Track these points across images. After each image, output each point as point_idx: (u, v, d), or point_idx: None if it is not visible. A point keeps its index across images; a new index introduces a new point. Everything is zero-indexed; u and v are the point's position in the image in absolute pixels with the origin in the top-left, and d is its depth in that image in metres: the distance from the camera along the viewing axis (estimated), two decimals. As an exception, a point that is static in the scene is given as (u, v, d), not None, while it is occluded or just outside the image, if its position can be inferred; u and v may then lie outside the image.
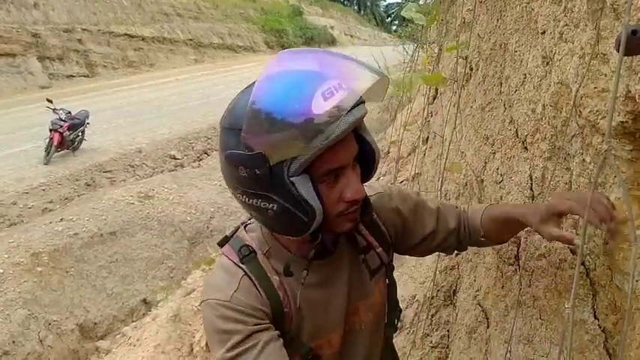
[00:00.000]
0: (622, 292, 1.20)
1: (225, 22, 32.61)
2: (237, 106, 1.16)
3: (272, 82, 1.10)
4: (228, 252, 1.35)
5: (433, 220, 1.53)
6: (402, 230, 1.52)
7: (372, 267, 1.45)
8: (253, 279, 1.28)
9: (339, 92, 1.06)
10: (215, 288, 1.30)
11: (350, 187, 1.19)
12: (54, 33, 21.94)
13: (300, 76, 1.09)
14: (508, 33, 1.97)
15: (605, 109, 1.17)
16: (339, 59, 1.17)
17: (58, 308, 7.63)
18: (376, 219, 1.47)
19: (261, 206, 1.16)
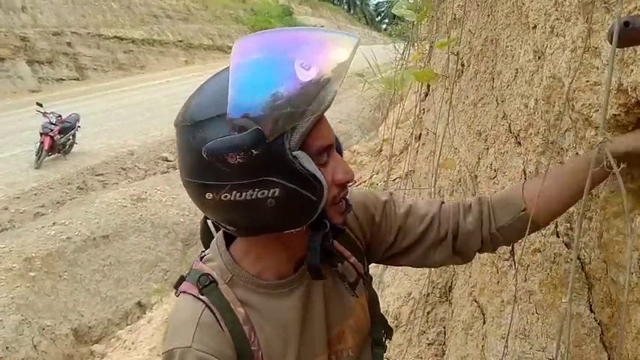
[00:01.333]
0: (617, 285, 1.20)
1: (215, 23, 32.53)
2: (208, 94, 1.06)
3: (246, 68, 1.03)
4: (185, 287, 1.18)
5: (404, 216, 1.35)
6: (370, 234, 1.35)
7: (350, 280, 1.26)
8: (215, 312, 1.12)
9: (314, 64, 1.00)
10: (174, 330, 1.15)
11: (340, 167, 1.10)
12: (43, 36, 21.82)
13: (269, 61, 1.02)
14: (499, 28, 1.97)
15: (598, 102, 1.18)
16: (299, 32, 1.13)
17: (52, 313, 7.59)
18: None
19: (258, 197, 1.01)
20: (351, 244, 1.31)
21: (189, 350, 1.07)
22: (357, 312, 1.30)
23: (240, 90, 0.99)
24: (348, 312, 1.28)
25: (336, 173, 1.09)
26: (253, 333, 1.14)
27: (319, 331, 1.23)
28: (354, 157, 8.99)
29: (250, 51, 1.06)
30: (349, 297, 1.27)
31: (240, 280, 1.16)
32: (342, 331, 1.26)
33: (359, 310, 1.30)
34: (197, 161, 1.00)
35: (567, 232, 1.47)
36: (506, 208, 1.29)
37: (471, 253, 1.36)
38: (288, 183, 1.00)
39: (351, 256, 1.29)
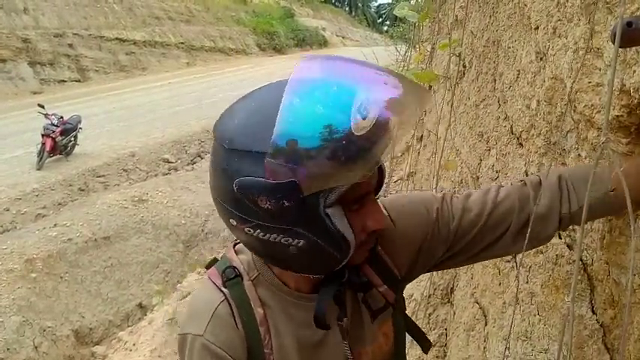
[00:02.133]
0: (620, 286, 1.20)
1: (217, 25, 32.56)
2: (253, 123, 0.96)
3: (306, 100, 0.92)
4: (212, 273, 1.19)
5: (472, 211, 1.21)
6: (416, 251, 1.24)
7: (374, 307, 1.20)
8: (233, 307, 1.12)
9: (373, 106, 0.90)
10: (191, 315, 1.16)
11: (373, 215, 1.04)
12: (44, 38, 21.84)
13: (336, 92, 0.92)
14: (501, 29, 1.97)
15: (600, 103, 1.17)
16: (358, 66, 0.99)
17: (53, 314, 7.58)
18: (380, 251, 1.22)
19: (281, 242, 0.98)
20: (385, 272, 1.22)
21: (200, 339, 1.09)
22: (379, 341, 1.24)
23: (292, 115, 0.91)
24: (369, 339, 1.22)
25: (367, 220, 1.04)
26: (268, 335, 1.13)
27: (336, 350, 1.19)
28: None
29: (310, 83, 0.96)
30: (370, 324, 1.21)
31: (266, 281, 1.15)
32: (359, 354, 1.22)
33: (381, 340, 1.24)
34: (227, 188, 0.96)
35: (569, 234, 1.47)
36: (593, 185, 1.07)
37: (544, 237, 1.22)
38: (314, 237, 0.97)
39: (381, 285, 1.21)
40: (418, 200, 1.27)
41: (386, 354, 1.26)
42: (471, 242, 1.21)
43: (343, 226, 0.97)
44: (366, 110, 0.88)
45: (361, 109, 0.88)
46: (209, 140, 14.76)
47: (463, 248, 1.22)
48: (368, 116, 0.88)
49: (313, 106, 0.90)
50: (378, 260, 1.21)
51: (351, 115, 0.88)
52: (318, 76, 0.96)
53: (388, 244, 1.21)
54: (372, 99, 0.90)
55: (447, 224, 1.20)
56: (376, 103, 0.90)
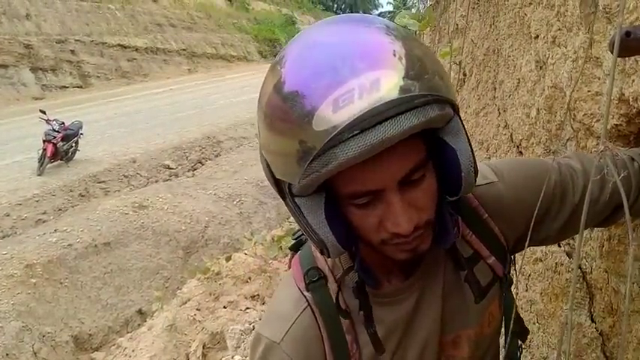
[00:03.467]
0: (619, 294, 1.20)
1: (219, 32, 32.64)
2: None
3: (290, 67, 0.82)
4: (296, 270, 1.06)
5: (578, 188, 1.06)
6: (529, 221, 1.03)
7: (483, 284, 1.06)
8: (317, 315, 1.00)
9: (361, 98, 0.73)
10: (271, 315, 1.08)
11: (390, 217, 0.85)
12: (46, 44, 21.90)
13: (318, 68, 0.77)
14: (501, 38, 1.97)
15: (599, 112, 1.18)
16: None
17: (53, 320, 7.58)
18: (487, 218, 1.06)
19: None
20: (493, 242, 1.07)
21: (276, 346, 1.00)
22: (482, 322, 1.09)
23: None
24: (470, 321, 1.08)
25: (384, 220, 0.86)
26: (356, 344, 1.01)
27: (430, 336, 1.05)
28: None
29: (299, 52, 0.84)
30: (474, 305, 1.06)
31: (351, 281, 1.00)
32: (458, 336, 1.08)
33: (485, 321, 1.10)
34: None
35: (569, 242, 1.47)
36: None
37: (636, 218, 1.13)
38: (300, 224, 0.89)
39: (490, 256, 1.06)
40: (534, 168, 1.11)
41: (488, 337, 1.13)
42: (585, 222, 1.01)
43: (315, 222, 0.85)
44: (344, 103, 0.73)
45: (340, 100, 0.74)
46: (210, 146, 14.78)
47: (578, 224, 1.01)
48: (340, 110, 0.73)
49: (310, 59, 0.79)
50: (485, 229, 1.06)
51: (322, 100, 0.74)
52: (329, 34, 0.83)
53: (499, 211, 1.06)
54: (360, 87, 0.74)
55: (564, 198, 1.06)
56: (363, 94, 0.74)
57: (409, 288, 1.03)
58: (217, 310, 5.84)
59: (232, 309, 5.82)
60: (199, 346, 5.34)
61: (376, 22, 0.84)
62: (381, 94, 0.73)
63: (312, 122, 0.74)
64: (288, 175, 0.81)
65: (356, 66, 0.75)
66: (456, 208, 0.99)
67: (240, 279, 6.35)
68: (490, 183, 1.07)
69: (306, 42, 0.85)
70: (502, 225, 1.07)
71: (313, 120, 0.74)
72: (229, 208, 11.18)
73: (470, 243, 1.05)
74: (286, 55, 0.84)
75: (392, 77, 0.75)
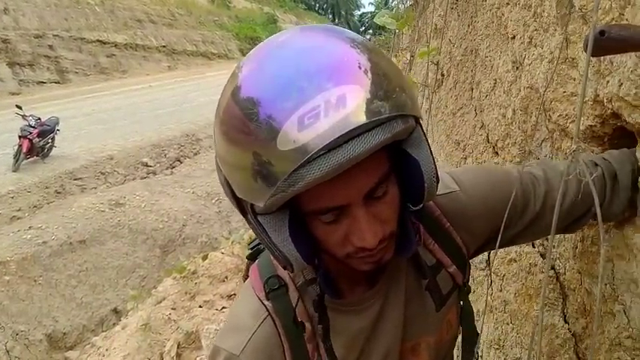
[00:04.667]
0: (592, 295, 1.20)
1: (199, 29, 32.45)
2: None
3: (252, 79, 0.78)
4: (255, 279, 1.04)
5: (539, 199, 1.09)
6: (490, 230, 1.10)
7: (444, 292, 1.06)
8: (278, 324, 0.97)
9: (327, 116, 0.71)
10: (230, 326, 1.04)
11: (356, 232, 0.84)
12: (24, 39, 21.59)
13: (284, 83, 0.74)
14: (479, 38, 1.97)
15: (574, 113, 1.18)
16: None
17: (26, 318, 7.48)
18: (449, 227, 1.07)
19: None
20: (455, 251, 1.08)
21: (236, 359, 0.97)
22: (441, 330, 1.10)
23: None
24: (430, 329, 1.08)
25: (349, 235, 0.85)
26: (317, 354, 1.00)
27: (391, 343, 1.04)
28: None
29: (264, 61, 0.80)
30: (435, 313, 1.06)
31: (312, 289, 0.99)
32: (417, 344, 1.08)
33: (443, 328, 1.10)
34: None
35: (543, 243, 1.47)
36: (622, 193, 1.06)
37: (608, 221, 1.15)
38: (263, 242, 0.86)
39: (451, 265, 1.07)
40: (495, 176, 1.13)
41: (446, 344, 1.14)
42: (546, 227, 1.08)
43: (280, 238, 0.83)
44: (310, 121, 0.71)
45: (305, 118, 0.71)
46: (189, 144, 14.70)
47: (538, 231, 1.12)
48: (306, 129, 0.70)
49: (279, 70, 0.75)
50: (447, 238, 1.07)
51: (286, 118, 0.71)
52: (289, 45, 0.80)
53: (461, 221, 1.07)
54: (327, 104, 0.71)
55: (525, 206, 1.08)
56: (329, 111, 0.71)
57: (373, 296, 1.01)
58: (193, 310, 5.80)
59: (208, 308, 5.79)
60: (174, 345, 5.30)
61: (342, 34, 0.81)
62: (348, 111, 0.71)
63: (277, 141, 0.71)
64: (250, 195, 0.79)
65: (321, 81, 0.72)
66: (418, 217, 1.00)
67: (217, 278, 6.31)
68: (451, 192, 1.08)
69: (269, 52, 0.81)
70: (463, 234, 1.08)
71: (277, 139, 0.71)
72: (208, 207, 11.13)
73: (432, 252, 1.06)
74: (246, 65, 0.81)
75: (358, 93, 0.73)
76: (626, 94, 0.93)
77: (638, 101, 0.92)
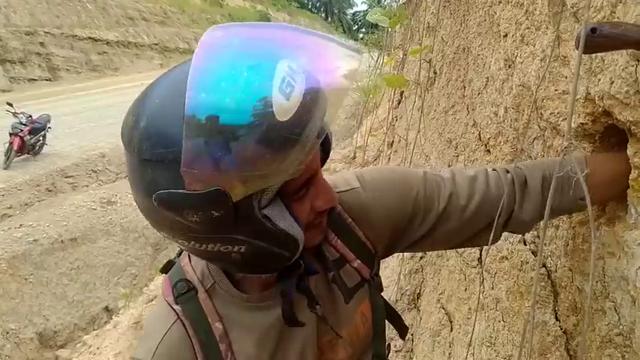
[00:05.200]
0: (583, 293, 1.20)
1: (192, 27, 32.38)
2: (160, 124, 0.78)
3: (216, 74, 0.76)
4: (165, 285, 1.04)
5: (444, 198, 1.11)
6: (393, 228, 1.12)
7: (349, 285, 1.08)
8: (187, 326, 0.98)
9: (299, 77, 0.76)
10: (143, 336, 1.04)
11: (322, 195, 0.93)
12: (15, 36, 21.49)
13: (253, 63, 0.76)
14: (471, 37, 1.98)
15: (566, 111, 1.18)
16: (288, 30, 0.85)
17: (17, 316, 7.45)
18: (351, 223, 1.10)
19: (221, 250, 0.87)
20: (358, 246, 1.10)
21: None
22: (356, 322, 1.12)
23: (211, 84, 0.75)
24: (343, 321, 1.09)
25: (315, 200, 0.92)
26: (230, 353, 1.00)
27: (306, 339, 1.06)
28: (328, 164, 9.00)
29: (226, 44, 0.81)
30: (345, 304, 1.08)
31: (222, 290, 1.01)
32: (334, 338, 1.09)
33: (358, 321, 1.12)
34: (148, 203, 0.81)
35: (534, 240, 1.47)
36: (567, 188, 1.06)
37: (521, 233, 1.22)
38: (256, 241, 0.86)
39: (354, 260, 1.10)
40: (397, 175, 1.15)
41: (364, 338, 1.15)
42: (454, 230, 1.12)
43: (286, 223, 0.86)
44: (290, 86, 0.75)
45: (283, 87, 0.75)
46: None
47: (446, 235, 1.13)
48: (292, 95, 0.75)
49: (239, 72, 0.76)
50: (350, 233, 1.10)
51: (271, 94, 0.74)
52: (230, 44, 0.81)
53: (362, 217, 1.10)
54: (296, 68, 0.77)
55: (429, 205, 1.10)
56: (301, 75, 0.77)
57: (276, 293, 1.02)
58: (185, 308, 5.78)
59: (200, 307, 5.77)
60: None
61: None
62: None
63: (275, 115, 0.74)
64: (272, 177, 0.80)
65: (269, 56, 0.78)
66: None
67: (209, 276, 6.29)
68: (352, 189, 1.11)
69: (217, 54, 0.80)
70: (367, 230, 1.11)
71: (275, 114, 0.74)
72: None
73: (335, 247, 1.09)
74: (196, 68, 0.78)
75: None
76: (618, 92, 0.94)
77: (629, 99, 0.92)
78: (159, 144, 0.77)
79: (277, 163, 0.76)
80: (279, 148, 0.75)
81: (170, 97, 0.78)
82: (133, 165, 0.82)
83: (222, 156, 0.74)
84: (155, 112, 0.79)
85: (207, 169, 0.75)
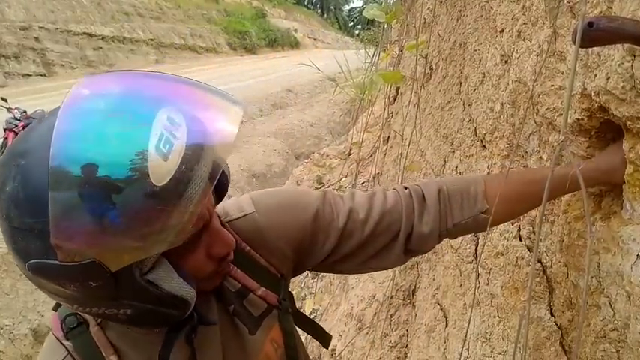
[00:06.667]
0: (577, 288, 1.21)
1: (188, 22, 32.27)
2: (28, 190, 0.71)
3: (79, 137, 0.70)
4: (54, 324, 0.97)
5: (342, 218, 1.10)
6: (295, 248, 1.11)
7: (255, 314, 1.06)
8: None
9: (179, 133, 0.72)
10: None
11: (218, 242, 0.90)
12: (10, 31, 21.38)
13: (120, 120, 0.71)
14: (467, 32, 1.98)
15: (562, 106, 1.18)
16: (161, 80, 0.82)
17: (11, 312, 7.42)
18: (250, 251, 1.07)
19: (106, 312, 0.83)
20: (261, 272, 1.08)
21: None
22: (266, 351, 1.08)
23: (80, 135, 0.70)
24: (253, 353, 1.06)
25: (212, 248, 0.90)
26: None
27: None
28: (323, 160, 9.00)
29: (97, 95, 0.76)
30: (250, 336, 1.05)
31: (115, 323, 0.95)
32: None
33: (269, 349, 1.08)
34: (24, 270, 0.77)
35: (529, 236, 1.48)
36: (467, 203, 1.13)
37: (423, 251, 1.20)
38: (142, 304, 0.81)
39: (258, 288, 1.07)
40: (293, 196, 1.15)
41: None
42: (359, 246, 1.11)
43: (173, 285, 0.82)
44: (168, 144, 0.70)
45: (160, 145, 0.70)
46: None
47: (352, 252, 1.12)
48: (171, 154, 0.70)
49: (109, 126, 0.71)
50: (249, 261, 1.07)
51: (147, 159, 0.69)
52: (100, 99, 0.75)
53: (260, 242, 1.07)
54: (178, 121, 0.73)
55: (329, 223, 1.10)
56: (183, 127, 0.73)
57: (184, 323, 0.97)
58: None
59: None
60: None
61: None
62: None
63: (150, 179, 0.69)
64: (149, 248, 0.75)
65: (141, 114, 0.72)
66: None
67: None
68: (247, 215, 1.08)
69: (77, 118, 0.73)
70: (267, 255, 1.08)
71: (150, 177, 0.69)
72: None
73: (236, 277, 1.05)
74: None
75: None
76: (614, 88, 0.94)
77: (625, 95, 0.92)
78: (27, 212, 0.72)
79: (155, 235, 0.72)
80: (155, 217, 0.71)
81: (38, 159, 0.71)
82: (4, 230, 0.77)
83: (96, 222, 0.69)
84: (22, 176, 0.72)
85: (78, 240, 0.70)
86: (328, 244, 1.10)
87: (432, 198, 1.12)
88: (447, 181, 1.17)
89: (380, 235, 1.11)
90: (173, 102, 0.75)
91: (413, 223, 1.12)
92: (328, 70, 11.84)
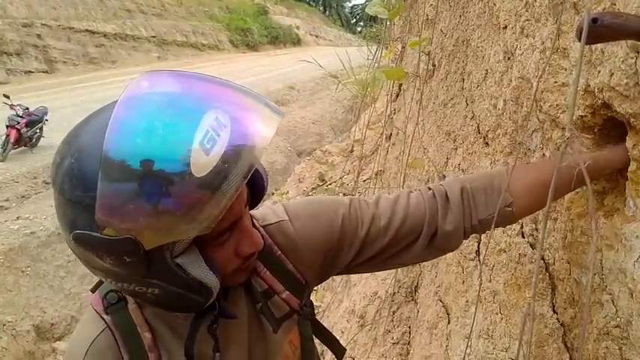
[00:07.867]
0: (580, 285, 1.20)
1: (190, 19, 32.27)
2: (81, 167, 0.81)
3: (132, 127, 0.80)
4: (94, 300, 1.05)
5: (367, 221, 1.16)
6: (323, 257, 1.16)
7: (277, 315, 1.12)
8: (117, 335, 0.99)
9: (223, 132, 0.80)
10: (68, 349, 1.05)
11: (246, 240, 0.97)
12: (12, 27, 21.38)
13: (172, 116, 0.80)
14: (470, 29, 1.97)
15: (565, 103, 1.18)
16: (212, 84, 0.90)
17: (14, 309, 7.43)
18: (280, 256, 1.13)
19: (136, 290, 0.91)
20: (287, 277, 1.14)
21: None
22: (286, 351, 1.15)
23: (135, 130, 0.79)
24: (274, 351, 1.13)
25: (240, 246, 0.97)
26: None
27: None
28: (325, 158, 9.00)
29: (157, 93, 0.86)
30: (273, 334, 1.12)
31: None
32: None
33: (287, 350, 1.15)
34: (69, 239, 0.85)
35: (532, 233, 1.47)
36: (491, 199, 1.14)
37: (449, 249, 1.23)
38: (170, 286, 0.89)
39: (283, 291, 1.13)
40: (323, 205, 1.20)
41: None
42: (381, 250, 1.16)
43: (200, 272, 0.89)
44: (211, 141, 0.79)
45: (205, 141, 0.78)
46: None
47: (374, 255, 1.17)
48: (212, 151, 0.78)
49: (145, 137, 0.78)
50: (278, 265, 1.13)
51: (190, 152, 0.77)
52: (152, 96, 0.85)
53: (291, 249, 1.14)
54: (224, 121, 0.81)
55: (354, 230, 1.15)
56: (221, 128, 0.80)
57: (213, 311, 1.04)
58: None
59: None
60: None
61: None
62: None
63: (192, 171, 0.77)
64: (183, 232, 0.82)
65: (193, 112, 0.81)
66: None
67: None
68: (280, 221, 1.15)
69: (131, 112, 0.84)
70: (296, 261, 1.15)
71: (191, 168, 0.77)
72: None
73: (264, 279, 1.12)
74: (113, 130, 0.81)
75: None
76: (617, 84, 0.93)
77: (628, 91, 0.92)
78: (79, 186, 0.81)
79: (187, 220, 0.80)
80: (191, 204, 0.79)
81: (94, 141, 0.80)
82: (56, 200, 0.86)
83: (136, 206, 0.77)
84: (79, 154, 0.82)
85: (118, 217, 0.79)
86: (352, 252, 1.16)
87: (455, 197, 1.15)
88: (470, 178, 1.20)
89: (402, 239, 1.16)
90: (221, 104, 0.83)
91: (437, 223, 1.15)
92: (330, 67, 11.85)
